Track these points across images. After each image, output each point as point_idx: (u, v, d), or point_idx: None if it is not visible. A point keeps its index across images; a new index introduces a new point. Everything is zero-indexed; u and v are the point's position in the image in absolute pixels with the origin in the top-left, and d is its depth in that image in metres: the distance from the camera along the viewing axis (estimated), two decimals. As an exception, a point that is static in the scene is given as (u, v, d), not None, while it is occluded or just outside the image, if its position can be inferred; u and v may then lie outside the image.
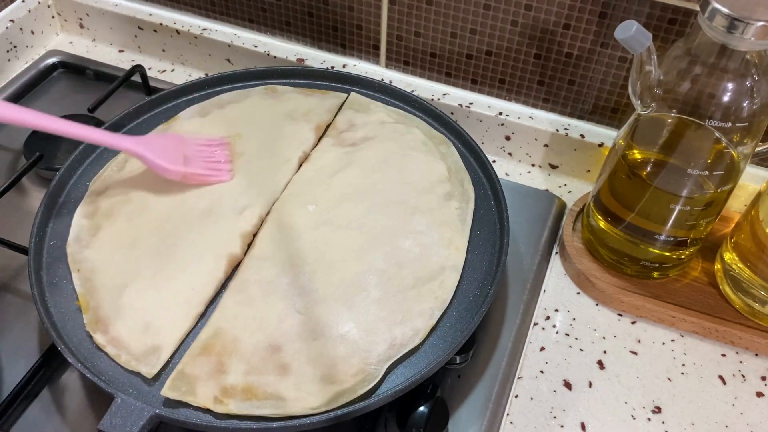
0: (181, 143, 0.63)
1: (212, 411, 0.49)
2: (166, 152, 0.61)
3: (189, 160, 0.61)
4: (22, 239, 0.60)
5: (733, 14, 0.48)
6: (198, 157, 0.62)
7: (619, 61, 0.67)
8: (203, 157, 0.63)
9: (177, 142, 0.63)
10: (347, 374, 0.51)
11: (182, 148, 0.62)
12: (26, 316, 0.61)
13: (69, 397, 0.56)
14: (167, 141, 0.63)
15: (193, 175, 0.61)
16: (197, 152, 0.63)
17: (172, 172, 0.60)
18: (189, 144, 0.63)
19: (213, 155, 0.63)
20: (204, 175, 0.62)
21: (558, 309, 0.65)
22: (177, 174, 0.60)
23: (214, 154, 0.64)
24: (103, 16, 0.86)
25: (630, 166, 0.59)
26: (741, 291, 0.61)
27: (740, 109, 0.52)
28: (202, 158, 0.63)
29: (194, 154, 0.62)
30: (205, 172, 0.62)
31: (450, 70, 0.76)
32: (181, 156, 0.61)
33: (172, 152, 0.61)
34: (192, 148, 0.63)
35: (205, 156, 0.63)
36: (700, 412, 0.58)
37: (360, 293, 0.56)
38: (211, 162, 0.63)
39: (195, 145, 0.63)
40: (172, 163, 0.60)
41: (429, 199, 0.62)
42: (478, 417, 0.56)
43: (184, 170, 0.60)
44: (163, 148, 0.61)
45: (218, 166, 0.63)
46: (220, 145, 0.65)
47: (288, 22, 0.80)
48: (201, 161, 0.62)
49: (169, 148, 0.62)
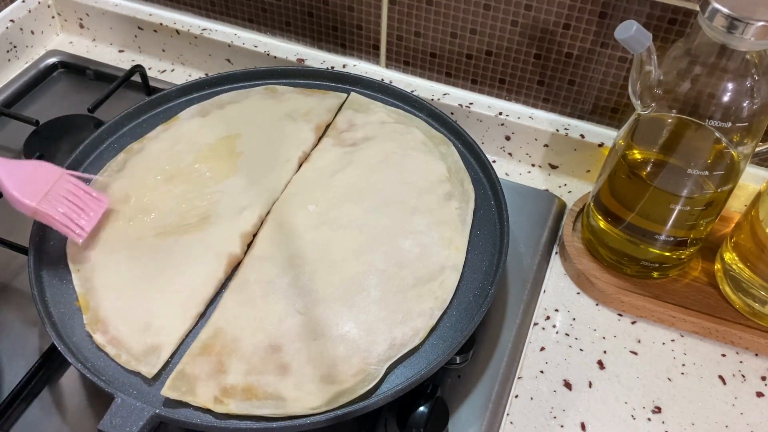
0: (55, 179, 0.57)
1: (212, 411, 0.49)
2: (30, 183, 0.56)
3: (52, 199, 0.56)
4: (22, 239, 0.60)
5: (733, 14, 0.48)
6: (64, 201, 0.57)
7: (619, 61, 0.67)
8: (71, 203, 0.57)
9: (50, 176, 0.58)
10: (347, 374, 0.51)
11: (53, 184, 0.57)
12: (26, 316, 0.61)
13: (69, 397, 0.56)
14: (38, 172, 0.58)
15: (45, 215, 0.56)
16: (69, 195, 0.58)
17: (22, 204, 0.55)
18: (65, 183, 0.58)
19: (83, 206, 0.58)
20: (56, 220, 0.56)
21: (558, 309, 0.65)
22: (27, 208, 0.56)
23: (85, 205, 0.58)
24: (103, 16, 0.86)
25: (630, 166, 0.59)
26: (741, 291, 0.61)
27: (740, 109, 0.52)
28: (68, 203, 0.57)
29: (63, 195, 0.57)
30: (58, 218, 0.56)
31: (450, 70, 0.76)
32: (44, 191, 0.56)
33: (36, 185, 0.56)
34: (65, 188, 0.58)
35: (74, 202, 0.58)
36: (700, 412, 0.58)
37: (360, 293, 0.56)
38: (74, 211, 0.57)
39: (72, 187, 0.58)
40: (26, 195, 0.55)
41: (429, 199, 0.62)
42: (478, 417, 0.56)
43: (35, 206, 0.55)
44: (28, 178, 0.56)
45: (78, 218, 0.57)
46: (98, 202, 0.59)
47: (288, 22, 0.80)
48: (65, 205, 0.57)
49: (37, 180, 0.57)
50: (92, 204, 0.59)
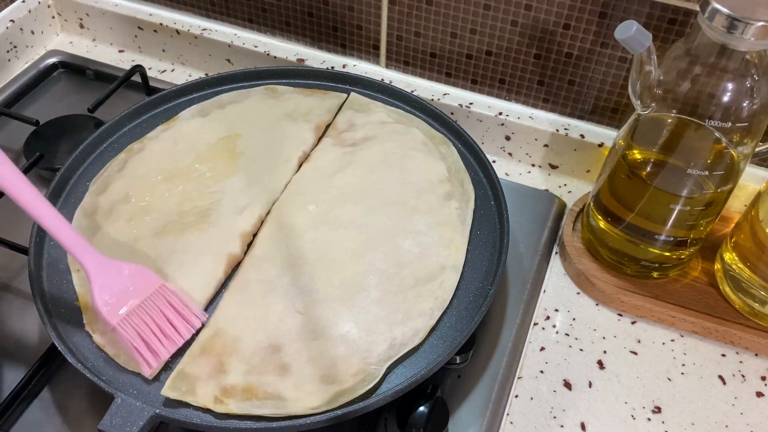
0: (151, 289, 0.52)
1: (212, 411, 0.49)
2: (121, 289, 0.51)
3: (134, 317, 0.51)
4: (22, 239, 0.60)
5: (733, 14, 0.48)
6: (149, 319, 0.51)
7: (619, 61, 0.67)
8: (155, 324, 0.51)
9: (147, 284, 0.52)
10: (347, 374, 0.51)
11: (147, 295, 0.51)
12: (26, 316, 0.61)
13: (69, 397, 0.56)
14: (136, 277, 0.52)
15: (120, 335, 0.50)
16: (158, 310, 0.51)
17: (102, 318, 0.50)
18: (159, 296, 0.52)
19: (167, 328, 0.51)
20: (132, 345, 0.50)
21: (558, 309, 0.65)
22: (106, 324, 0.50)
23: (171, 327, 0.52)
24: (103, 16, 0.86)
25: (630, 166, 0.59)
26: (741, 291, 0.61)
27: (740, 109, 0.52)
28: (153, 324, 0.51)
29: (150, 316, 0.51)
30: (135, 344, 0.50)
31: (450, 70, 0.76)
32: (134, 302, 0.51)
33: (127, 292, 0.51)
34: (158, 302, 0.52)
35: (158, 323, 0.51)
36: (700, 412, 0.58)
37: (360, 293, 0.56)
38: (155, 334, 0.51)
39: (165, 300, 0.52)
40: (109, 305, 0.50)
41: (429, 199, 0.62)
42: (478, 417, 0.56)
43: (114, 324, 0.50)
44: (121, 283, 0.51)
45: (156, 345, 0.51)
46: (188, 323, 0.52)
47: (288, 22, 0.80)
48: (146, 327, 0.51)
49: (130, 285, 0.51)
50: (181, 326, 0.52)
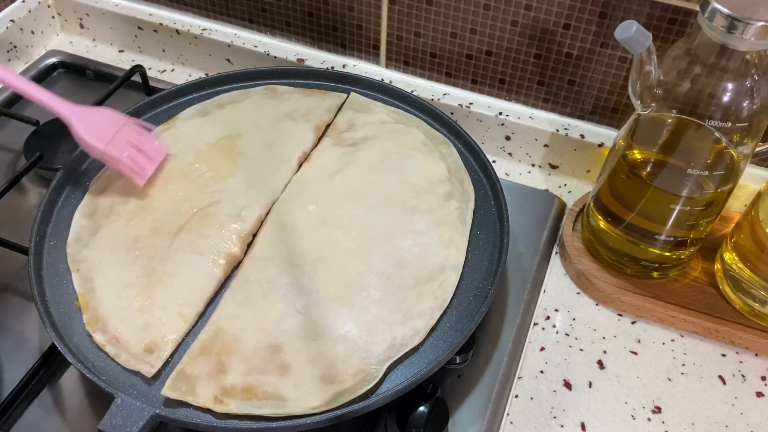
0: (120, 125, 0.62)
1: (212, 411, 0.49)
2: (98, 127, 0.60)
3: (117, 144, 0.61)
4: (22, 239, 0.60)
5: (733, 14, 0.48)
6: (128, 146, 0.61)
7: (619, 61, 0.67)
8: (134, 148, 0.62)
9: (116, 122, 0.62)
10: (347, 374, 0.51)
11: (118, 130, 0.61)
12: (26, 316, 0.61)
13: (69, 397, 0.56)
14: (104, 118, 0.62)
15: (112, 158, 0.60)
16: (133, 141, 0.62)
17: (92, 147, 0.60)
18: (129, 131, 0.62)
19: (146, 151, 0.62)
20: (122, 163, 0.60)
21: (558, 309, 0.65)
22: (95, 150, 0.60)
23: (147, 150, 0.62)
24: (103, 16, 0.86)
25: (630, 166, 0.59)
26: (741, 291, 0.61)
27: (740, 109, 0.52)
28: (131, 148, 0.61)
29: (127, 142, 0.61)
30: (125, 161, 0.60)
31: (450, 70, 0.76)
32: (110, 136, 0.61)
33: (103, 129, 0.61)
34: (128, 135, 0.62)
35: (137, 147, 0.62)
36: (700, 412, 0.58)
37: (360, 293, 0.56)
38: (138, 154, 0.61)
39: (135, 134, 0.62)
40: (96, 139, 0.60)
41: (429, 199, 0.62)
42: (478, 417, 0.56)
43: (104, 149, 0.60)
44: (96, 123, 0.61)
45: (141, 162, 0.61)
46: (158, 149, 0.63)
47: (288, 22, 0.80)
48: (128, 149, 0.61)
49: (103, 124, 0.61)
50: (153, 150, 0.63)
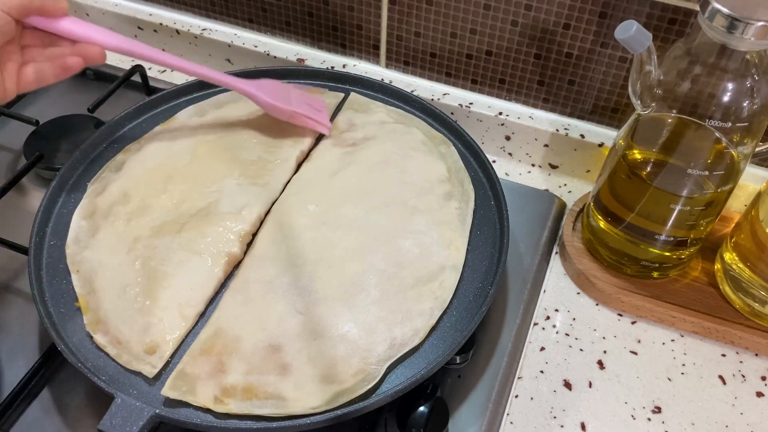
0: (287, 88, 0.68)
1: (212, 411, 0.49)
2: (277, 93, 0.66)
3: (297, 104, 0.66)
4: (22, 239, 0.60)
5: (733, 14, 0.48)
6: (302, 102, 0.67)
7: (619, 61, 0.67)
8: (307, 105, 0.68)
9: (283, 86, 0.68)
10: (347, 374, 0.51)
11: (289, 92, 0.68)
12: (26, 316, 0.61)
13: (69, 397, 0.56)
14: (276, 85, 0.68)
15: (300, 115, 0.66)
16: (301, 97, 0.68)
17: (282, 110, 0.65)
18: (293, 90, 0.68)
19: (313, 103, 0.68)
20: (309, 117, 0.66)
21: (558, 309, 0.65)
22: (287, 113, 0.65)
23: (313, 102, 0.69)
24: (103, 16, 0.86)
25: (630, 166, 0.59)
26: (741, 291, 0.61)
27: (740, 109, 0.52)
28: (306, 105, 0.68)
29: (299, 99, 0.68)
30: (311, 115, 0.67)
31: (450, 70, 0.76)
32: (287, 98, 0.66)
33: (281, 94, 0.67)
34: (296, 93, 0.68)
35: (309, 104, 0.68)
36: (700, 412, 0.58)
37: (360, 293, 0.56)
38: (312, 110, 0.68)
39: (298, 92, 0.69)
40: (282, 102, 0.65)
41: (429, 199, 0.62)
42: (478, 417, 0.56)
43: (292, 109, 0.65)
44: (274, 90, 0.66)
45: (317, 115, 0.67)
46: (321, 101, 0.70)
47: (288, 22, 0.80)
48: (305, 107, 0.67)
49: (279, 90, 0.67)
50: (318, 103, 0.69)
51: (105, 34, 0.56)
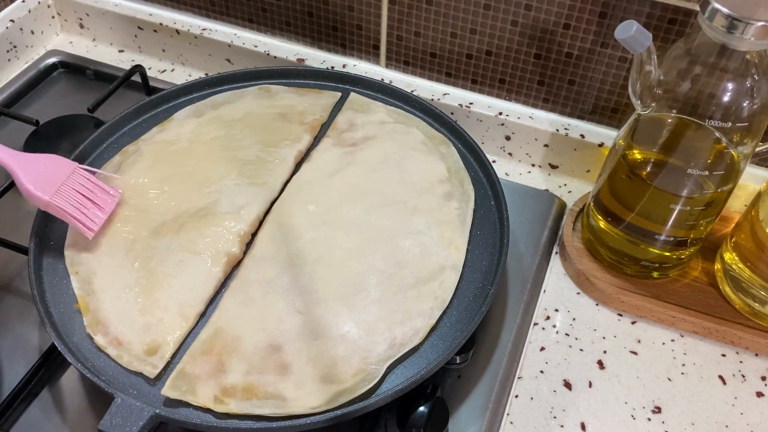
0: (68, 173, 0.58)
1: (212, 410, 0.49)
2: (43, 176, 0.56)
3: (64, 193, 0.57)
4: (22, 239, 0.60)
5: (733, 14, 0.48)
6: (77, 194, 0.57)
7: (619, 61, 0.67)
8: (83, 196, 0.58)
9: (63, 169, 0.58)
10: (347, 374, 0.51)
11: (66, 178, 0.57)
12: (26, 316, 0.61)
13: (69, 397, 0.56)
14: (51, 166, 0.58)
15: (57, 208, 0.56)
16: (81, 188, 0.58)
17: (35, 197, 0.55)
18: (78, 177, 0.58)
19: (96, 199, 0.58)
20: (68, 214, 0.56)
21: (558, 309, 0.65)
22: (40, 201, 0.56)
23: (98, 199, 0.59)
24: (103, 16, 0.86)
25: (630, 166, 0.59)
26: (741, 291, 0.61)
27: (740, 109, 0.52)
28: (81, 197, 0.58)
29: (76, 189, 0.58)
30: (70, 212, 0.56)
31: (450, 70, 0.76)
32: (57, 184, 0.57)
33: (49, 178, 0.57)
34: (77, 182, 0.58)
35: (86, 196, 0.58)
36: (700, 412, 0.58)
37: (360, 293, 0.56)
38: (86, 205, 0.58)
39: (85, 181, 0.59)
40: (40, 188, 0.56)
41: (429, 199, 0.62)
42: (478, 417, 0.56)
43: (48, 200, 0.55)
44: (42, 171, 0.57)
45: (89, 212, 0.57)
46: (110, 196, 0.60)
47: (288, 22, 0.80)
48: (77, 199, 0.57)
49: (50, 173, 0.57)
50: (104, 198, 0.59)
51: None
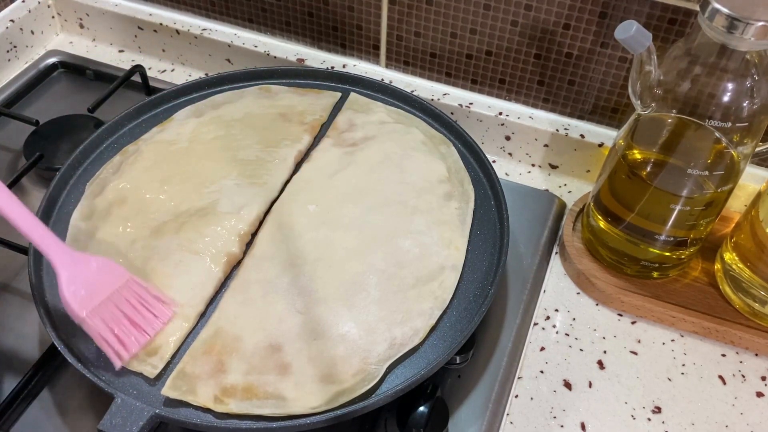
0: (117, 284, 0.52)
1: (212, 410, 0.49)
2: (89, 284, 0.50)
3: (103, 310, 0.50)
4: (22, 239, 0.60)
5: (733, 14, 0.48)
6: (117, 312, 0.51)
7: (619, 61, 0.67)
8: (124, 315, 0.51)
9: (114, 279, 0.52)
10: (347, 374, 0.51)
11: (114, 289, 0.51)
12: (26, 316, 0.61)
13: (69, 397, 0.56)
14: (103, 273, 0.51)
15: (90, 328, 0.50)
16: (126, 304, 0.51)
17: (70, 309, 0.50)
18: (127, 290, 0.52)
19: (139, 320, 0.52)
20: (101, 337, 0.50)
21: (558, 309, 0.65)
22: (75, 315, 0.50)
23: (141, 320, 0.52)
24: (103, 16, 0.86)
25: (630, 166, 0.59)
26: (741, 291, 0.61)
27: (740, 109, 0.52)
28: (121, 315, 0.51)
29: (119, 304, 0.51)
30: (105, 335, 0.50)
31: (450, 70, 0.76)
32: (102, 296, 0.50)
33: (95, 286, 0.51)
34: (126, 295, 0.52)
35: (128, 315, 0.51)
36: (700, 412, 0.58)
37: (360, 293, 0.56)
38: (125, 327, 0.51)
39: (133, 294, 0.52)
40: (78, 300, 0.50)
41: (429, 199, 0.62)
42: (478, 417, 0.56)
43: (84, 317, 0.49)
44: (89, 278, 0.51)
45: (127, 337, 0.51)
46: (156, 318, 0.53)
47: (288, 22, 0.80)
48: (115, 320, 0.51)
49: (98, 281, 0.51)
50: (149, 319, 0.52)
51: None
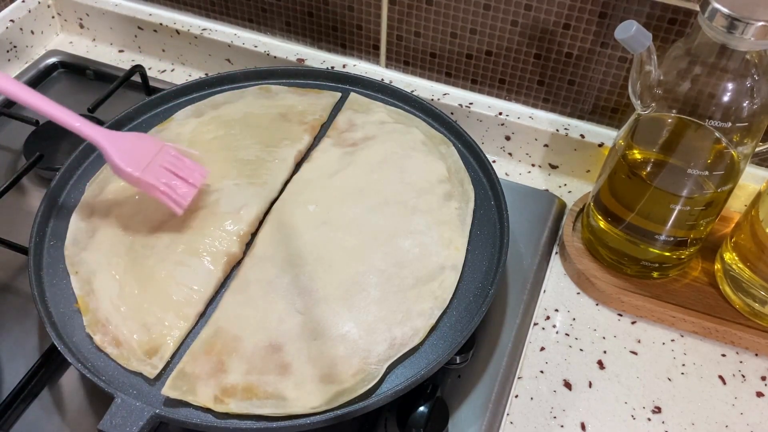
0: (156, 150, 0.58)
1: (212, 410, 0.49)
2: (132, 153, 0.56)
3: (153, 170, 0.57)
4: (22, 239, 0.60)
5: (733, 14, 0.48)
6: (165, 171, 0.57)
7: (619, 61, 0.67)
8: (171, 172, 0.57)
9: (152, 147, 0.58)
10: (347, 374, 0.51)
11: (154, 155, 0.57)
12: (26, 316, 0.61)
13: (69, 397, 0.57)
14: (139, 143, 0.58)
15: (148, 185, 0.56)
16: (170, 166, 0.58)
17: (126, 174, 0.56)
18: (166, 155, 0.58)
19: (183, 173, 0.58)
20: (158, 190, 0.56)
21: (558, 309, 0.65)
22: (130, 177, 0.56)
23: (186, 176, 0.58)
24: (103, 16, 0.86)
25: (630, 166, 0.59)
26: (741, 291, 0.61)
27: (740, 109, 0.52)
28: (169, 173, 0.57)
29: (164, 166, 0.57)
30: (162, 188, 0.56)
31: (450, 70, 0.76)
32: (146, 161, 0.56)
33: (137, 154, 0.57)
34: (166, 159, 0.58)
35: (175, 173, 0.58)
36: (700, 412, 0.58)
37: (360, 293, 0.56)
38: (175, 180, 0.57)
39: (173, 158, 0.58)
40: (130, 165, 0.56)
41: (429, 199, 0.62)
42: (478, 417, 0.56)
43: (139, 176, 0.55)
44: (131, 148, 0.57)
45: (179, 189, 0.57)
46: (197, 173, 0.59)
47: (288, 22, 0.80)
48: (165, 176, 0.57)
49: (137, 149, 0.57)
50: (192, 175, 0.58)
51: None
